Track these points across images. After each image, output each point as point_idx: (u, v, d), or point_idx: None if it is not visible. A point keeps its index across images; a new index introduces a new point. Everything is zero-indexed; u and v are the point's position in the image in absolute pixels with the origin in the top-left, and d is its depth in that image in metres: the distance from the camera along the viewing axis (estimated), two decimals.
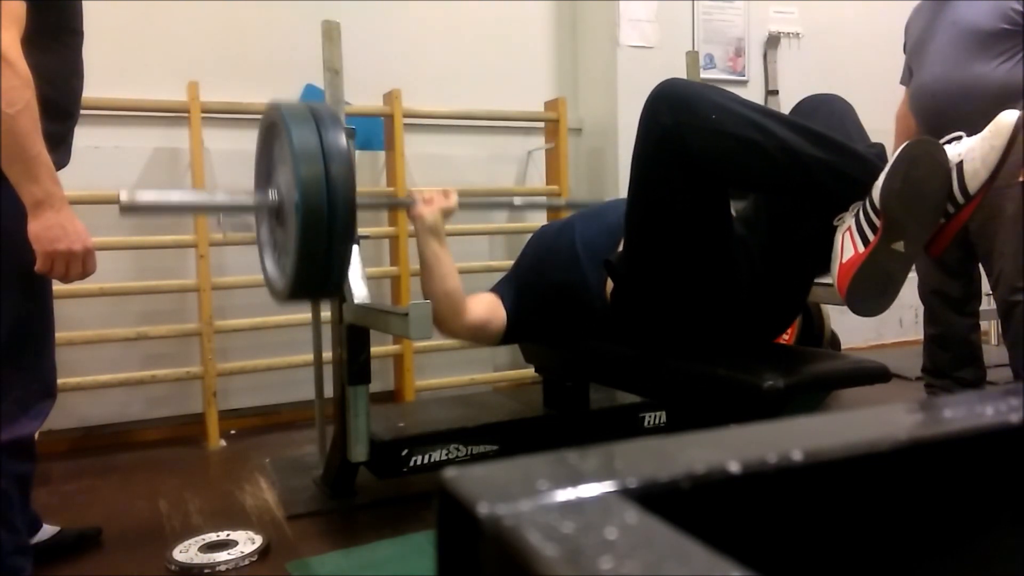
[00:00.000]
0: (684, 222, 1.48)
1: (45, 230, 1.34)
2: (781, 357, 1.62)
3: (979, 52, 2.21)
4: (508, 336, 1.91)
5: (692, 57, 2.87)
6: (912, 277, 2.55)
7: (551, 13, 3.48)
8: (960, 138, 1.37)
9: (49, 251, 1.35)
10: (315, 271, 1.61)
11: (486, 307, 1.87)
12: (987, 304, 2.67)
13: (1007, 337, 2.32)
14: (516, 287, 1.92)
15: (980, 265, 2.40)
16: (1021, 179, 2.17)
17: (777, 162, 1.37)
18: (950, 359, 2.48)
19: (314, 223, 1.55)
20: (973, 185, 1.32)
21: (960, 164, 1.33)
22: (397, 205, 2.61)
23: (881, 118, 2.51)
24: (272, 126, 1.72)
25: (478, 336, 1.89)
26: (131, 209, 1.61)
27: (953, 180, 1.33)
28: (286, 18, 2.93)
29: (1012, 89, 2.15)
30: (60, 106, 1.49)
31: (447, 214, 1.90)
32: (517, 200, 2.31)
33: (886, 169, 1.34)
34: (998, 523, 0.38)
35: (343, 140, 1.60)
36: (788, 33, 3.66)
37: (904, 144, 1.34)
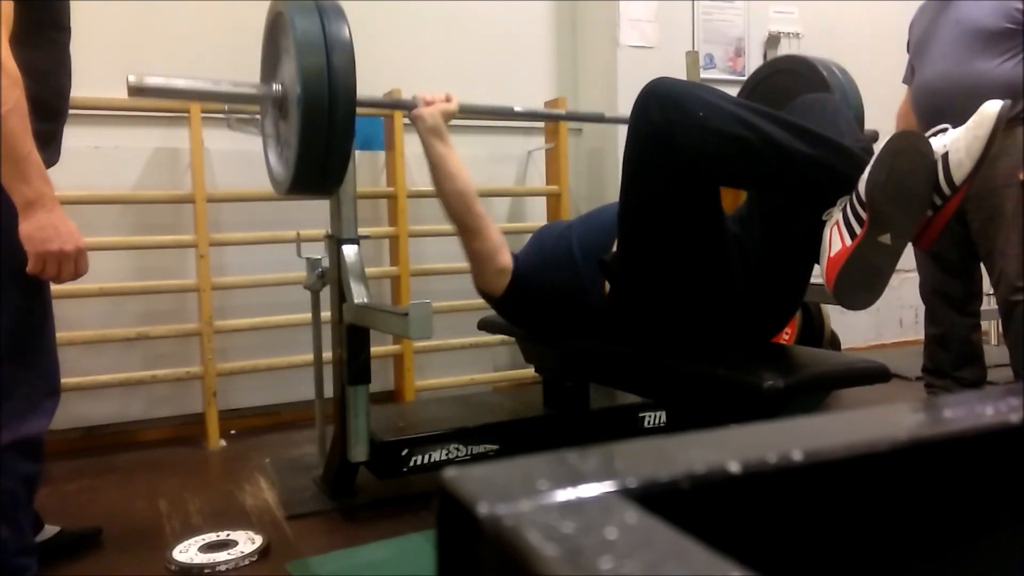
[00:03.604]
0: (676, 219, 1.48)
1: (37, 230, 1.34)
2: (781, 357, 1.62)
3: (982, 50, 2.21)
4: (510, 292, 1.87)
5: (692, 57, 2.87)
6: (912, 276, 2.56)
7: (551, 13, 3.49)
8: (945, 130, 1.38)
9: (41, 251, 1.35)
10: (315, 163, 1.64)
11: (501, 237, 1.89)
12: (987, 304, 2.67)
13: (1008, 337, 2.32)
14: (521, 270, 1.91)
15: (982, 265, 2.40)
16: (1022, 177, 2.17)
17: (765, 158, 1.38)
18: (951, 359, 2.48)
19: (315, 113, 1.57)
20: (958, 176, 1.33)
21: (945, 155, 1.33)
22: (397, 106, 2.60)
23: (881, 118, 2.51)
24: (277, 17, 1.73)
25: (483, 255, 1.86)
26: (139, 91, 1.63)
27: (939, 172, 1.34)
28: None
29: (1014, 87, 2.15)
30: (49, 104, 1.48)
31: (448, 116, 1.92)
32: (517, 107, 2.29)
33: (871, 162, 1.34)
34: (998, 523, 0.38)
35: (346, 32, 1.62)
36: (788, 33, 3.66)
37: (889, 137, 1.34)
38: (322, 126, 1.59)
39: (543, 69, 3.48)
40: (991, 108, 1.31)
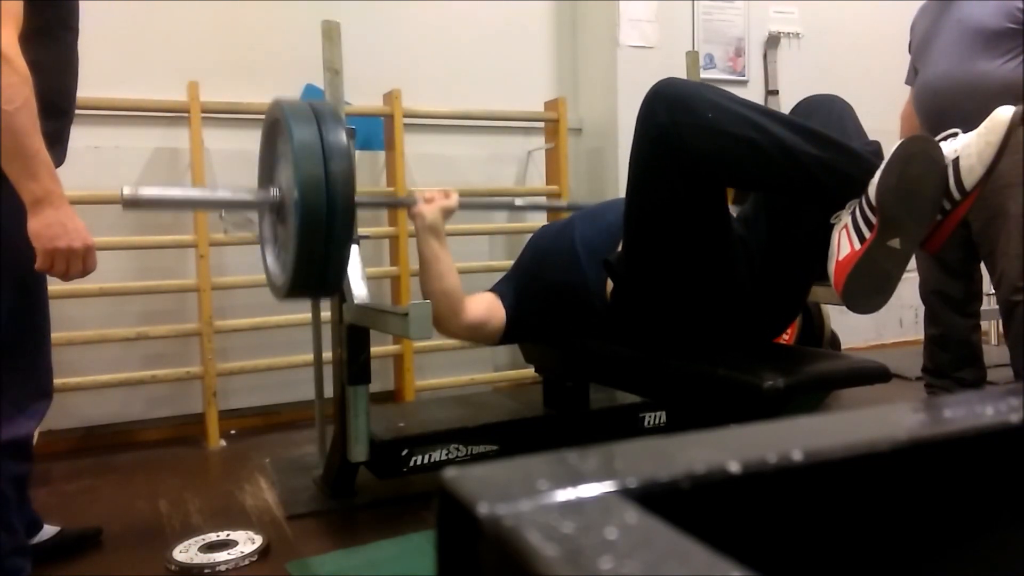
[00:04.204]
0: (682, 221, 1.48)
1: (45, 228, 1.34)
2: (781, 357, 1.62)
3: (984, 50, 2.21)
4: (507, 336, 1.91)
5: (692, 57, 2.87)
6: (912, 276, 2.56)
7: (551, 13, 3.48)
8: (956, 135, 1.37)
9: (49, 249, 1.35)
10: (313, 270, 1.62)
11: (485, 307, 1.88)
12: (987, 304, 2.67)
13: (1008, 337, 2.32)
14: (516, 287, 1.92)
15: (982, 266, 2.40)
16: None
17: (774, 160, 1.37)
18: (950, 359, 2.48)
19: (313, 222, 1.56)
20: (969, 181, 1.32)
21: (956, 160, 1.33)
22: (397, 204, 2.63)
23: (881, 118, 2.51)
24: (275, 123, 1.73)
25: (476, 336, 1.90)
26: (134, 204, 1.62)
27: (949, 176, 1.33)
28: (286, 18, 2.94)
29: (1015, 87, 2.15)
30: (56, 104, 1.49)
31: (447, 213, 1.90)
32: (518, 201, 2.31)
33: (882, 166, 1.34)
34: (998, 523, 0.38)
35: (344, 139, 1.61)
36: (788, 33, 3.66)
37: (900, 142, 1.34)
38: (320, 234, 1.58)
39: (543, 69, 3.48)
40: (1004, 114, 1.30)
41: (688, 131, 1.37)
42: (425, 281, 1.86)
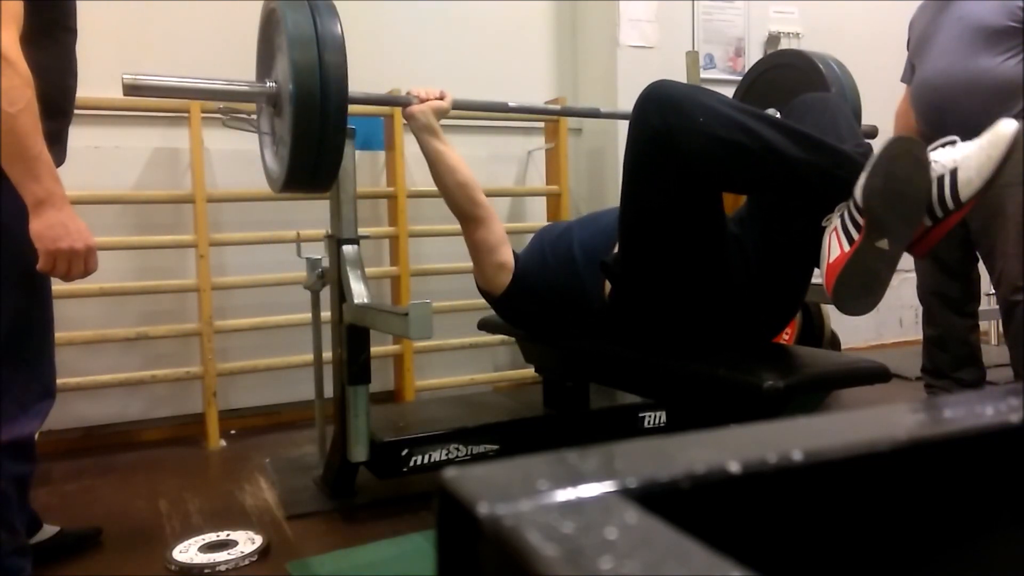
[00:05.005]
0: (676, 222, 1.48)
1: (47, 229, 1.35)
2: (781, 357, 1.62)
3: (984, 48, 2.21)
4: (510, 291, 1.89)
5: (692, 57, 2.88)
6: (911, 276, 2.56)
7: (551, 13, 3.48)
8: (955, 142, 1.37)
9: (51, 250, 1.36)
10: (308, 159, 1.67)
11: (505, 236, 1.92)
12: (987, 304, 2.66)
13: (1008, 337, 2.32)
14: (525, 261, 1.92)
15: (980, 266, 2.40)
16: None
17: (763, 164, 1.38)
18: (949, 360, 2.48)
19: (308, 110, 1.60)
20: (965, 193, 1.32)
21: (955, 171, 1.33)
22: (392, 102, 2.62)
23: (880, 118, 2.51)
24: (271, 14, 1.77)
25: (490, 247, 1.89)
26: (134, 89, 1.66)
27: (945, 186, 1.33)
28: None
29: (1014, 86, 2.15)
30: (56, 104, 1.49)
31: (439, 114, 1.94)
32: (511, 103, 2.32)
33: (867, 168, 1.34)
34: (998, 523, 0.38)
35: (338, 28, 1.65)
36: (788, 33, 3.66)
37: (885, 144, 1.34)
38: (314, 121, 1.61)
39: (543, 69, 3.48)
40: (1007, 128, 1.29)
41: (679, 134, 1.38)
42: (437, 177, 1.91)
